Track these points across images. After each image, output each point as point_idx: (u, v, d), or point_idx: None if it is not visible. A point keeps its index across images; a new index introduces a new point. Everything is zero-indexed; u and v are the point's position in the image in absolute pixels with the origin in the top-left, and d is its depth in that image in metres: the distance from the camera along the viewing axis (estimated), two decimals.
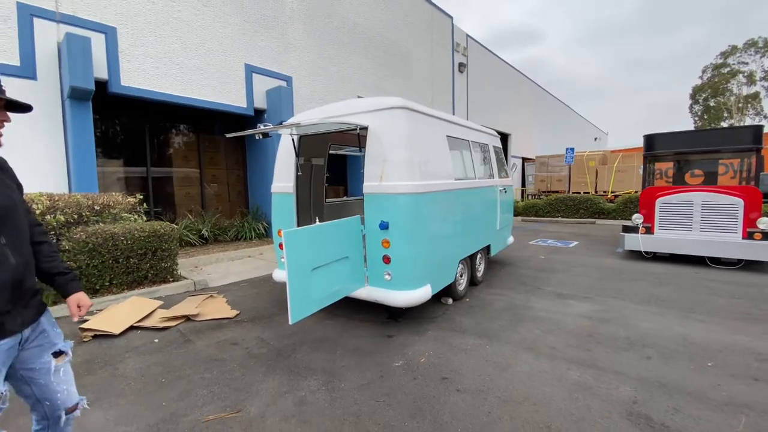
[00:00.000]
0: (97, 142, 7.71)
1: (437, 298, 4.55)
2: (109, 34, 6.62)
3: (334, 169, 8.02)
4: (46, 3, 6.02)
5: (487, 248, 5.50)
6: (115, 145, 8.08)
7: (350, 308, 4.32)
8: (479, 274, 5.32)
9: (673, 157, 7.63)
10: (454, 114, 16.04)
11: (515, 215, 14.52)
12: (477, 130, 5.21)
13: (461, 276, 4.72)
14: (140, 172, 8.31)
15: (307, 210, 4.96)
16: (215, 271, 6.50)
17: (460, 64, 16.10)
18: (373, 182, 3.52)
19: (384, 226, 3.45)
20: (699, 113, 36.97)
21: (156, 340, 3.62)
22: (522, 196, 19.62)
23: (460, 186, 4.36)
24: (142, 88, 7.01)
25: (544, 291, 5.03)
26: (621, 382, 2.74)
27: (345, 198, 6.50)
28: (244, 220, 9.00)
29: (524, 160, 21.55)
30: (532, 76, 24.14)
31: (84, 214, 4.98)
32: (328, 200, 5.44)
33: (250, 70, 8.74)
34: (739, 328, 3.67)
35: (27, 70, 5.86)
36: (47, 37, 6.10)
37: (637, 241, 6.70)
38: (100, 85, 6.62)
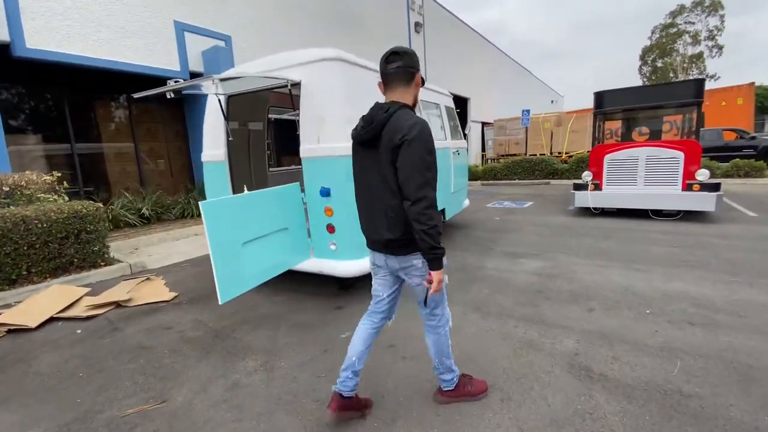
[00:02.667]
0: (8, 116, 6.76)
1: None
2: None
3: (290, 135, 7.53)
4: None
5: (442, 212, 5.40)
6: (31, 119, 7.11)
7: (298, 282, 4.11)
8: None
9: (622, 114, 7.78)
10: None
11: (475, 179, 14.65)
12: (427, 88, 4.95)
13: None
14: (64, 149, 7.42)
15: (248, 180, 4.58)
16: (157, 252, 6.03)
17: (417, 24, 15.48)
18: (310, 144, 3.23)
19: (325, 192, 3.20)
20: (647, 74, 38.38)
21: (78, 331, 3.26)
22: (482, 161, 19.82)
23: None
24: (52, 51, 6.11)
25: (496, 251, 5.05)
26: (565, 336, 2.75)
27: (294, 166, 6.13)
28: (189, 195, 8.39)
29: (483, 124, 21.61)
30: (492, 40, 23.86)
31: None
32: (272, 169, 5.07)
33: (182, 29, 7.86)
34: (676, 275, 3.83)
35: None
36: None
37: (586, 198, 6.87)
38: (3, 48, 5.69)
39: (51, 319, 3.47)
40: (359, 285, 3.95)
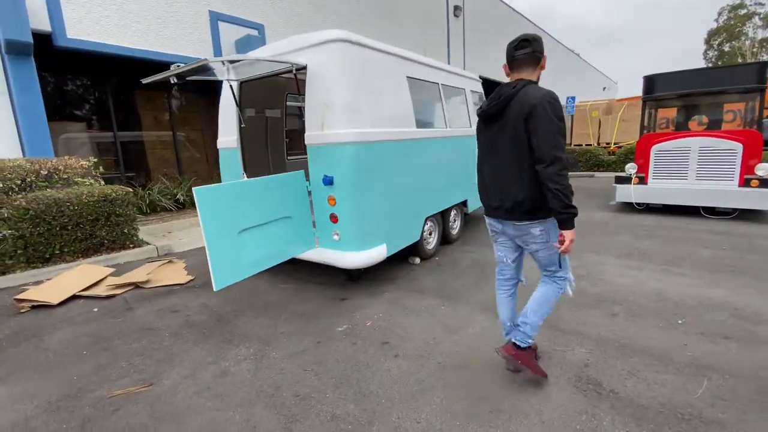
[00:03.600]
0: (56, 105, 7.27)
1: (404, 257, 4.29)
2: None
3: None
4: None
5: (464, 204, 5.15)
6: (76, 107, 7.61)
7: (307, 270, 4.08)
8: (454, 232, 5.01)
9: (675, 101, 7.00)
10: (449, 63, 15.08)
11: None
12: (450, 72, 4.68)
13: (430, 234, 4.42)
14: (108, 136, 7.89)
15: (266, 168, 4.59)
16: (187, 236, 6.26)
17: (456, 7, 14.86)
18: (314, 131, 3.13)
19: (328, 181, 3.10)
20: (713, 59, 34.67)
21: (95, 310, 3.43)
22: None
23: (425, 135, 3.94)
24: (92, 41, 6.43)
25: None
26: (578, 344, 2.49)
27: None
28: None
29: None
30: (540, 23, 22.50)
31: (28, 179, 4.69)
32: (291, 157, 5.05)
33: (216, 18, 8.01)
34: (719, 282, 3.37)
35: None
36: None
37: (628, 193, 6.29)
38: (45, 38, 6.07)
39: (74, 297, 3.68)
40: (368, 276, 3.86)
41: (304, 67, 3.14)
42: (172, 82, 2.92)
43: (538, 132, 1.77)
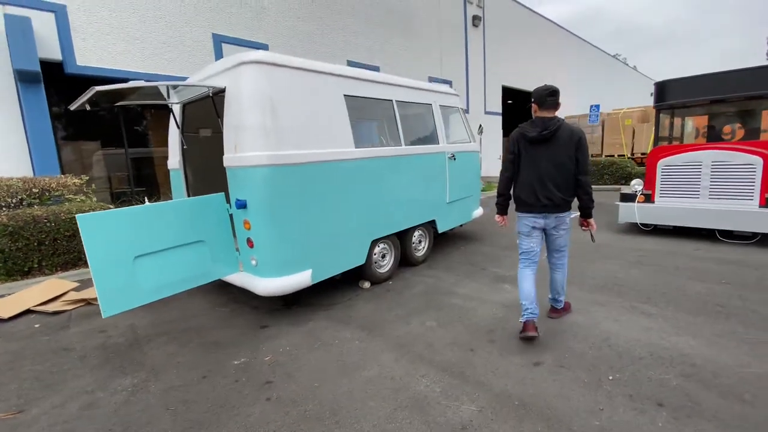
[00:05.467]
0: (71, 124, 7.91)
1: (354, 280, 4.09)
2: (59, 12, 6.53)
3: None
4: None
5: (431, 224, 4.85)
6: (90, 126, 8.24)
7: (252, 293, 3.99)
8: (419, 254, 4.73)
9: (692, 109, 6.23)
10: (468, 74, 14.73)
11: None
12: (411, 88, 4.45)
13: (383, 257, 4.19)
14: (119, 153, 8.45)
15: (210, 187, 4.57)
16: None
17: (475, 17, 14.53)
18: (229, 153, 3.06)
19: (240, 204, 3.01)
20: None
21: (36, 326, 3.56)
22: None
23: (369, 154, 3.74)
24: (100, 67, 6.94)
25: (486, 273, 4.35)
26: (472, 398, 2.16)
27: None
28: None
29: None
30: (586, 28, 21.45)
31: (19, 197, 5.06)
32: None
33: (219, 40, 8.38)
34: (693, 327, 2.84)
35: None
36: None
37: (632, 212, 5.65)
38: (57, 66, 6.63)
39: (29, 311, 3.86)
40: (305, 301, 3.70)
41: (223, 90, 3.10)
42: (88, 109, 2.97)
43: (583, 154, 2.71)
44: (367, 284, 4.06)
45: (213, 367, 2.65)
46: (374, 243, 3.97)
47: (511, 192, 2.96)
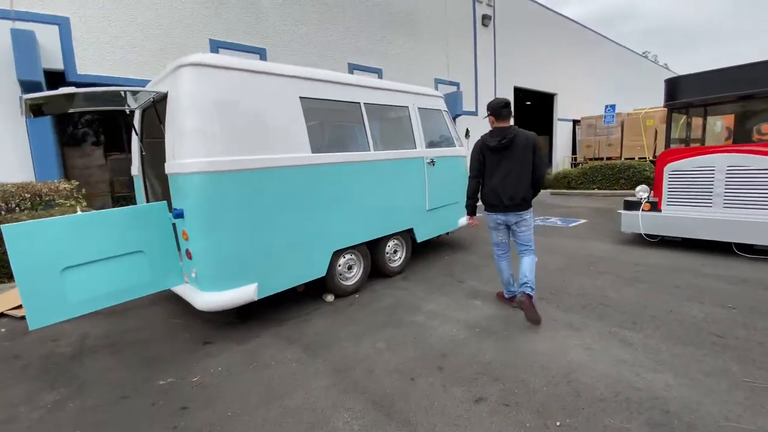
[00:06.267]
0: (76, 130, 8.12)
1: (320, 292, 3.88)
2: (63, 24, 6.69)
3: None
4: (2, 2, 6.20)
5: (409, 232, 4.58)
6: (93, 133, 8.43)
7: None
8: (394, 265, 4.46)
9: (709, 107, 5.66)
10: (476, 75, 14.30)
11: (544, 188, 12.70)
12: (382, 89, 4.21)
13: (349, 268, 3.96)
14: (122, 158, 8.62)
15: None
16: None
17: (485, 17, 14.10)
18: (169, 160, 2.92)
19: (178, 213, 2.86)
20: None
21: (2, 330, 3.55)
22: (571, 165, 17.16)
23: (329, 160, 3.53)
24: (100, 75, 7.07)
25: (462, 286, 4.04)
26: None
27: None
28: None
29: (575, 123, 18.67)
30: (616, 26, 20.55)
31: (12, 203, 5.16)
32: None
33: (217, 46, 8.40)
34: (678, 361, 2.45)
35: None
36: (3, 34, 6.30)
37: (635, 222, 5.16)
38: (60, 75, 6.80)
39: (2, 315, 3.87)
40: (261, 315, 3.52)
41: (165, 94, 2.97)
42: (28, 117, 2.91)
43: (538, 157, 3.07)
44: (330, 297, 3.83)
45: (139, 386, 2.50)
46: (337, 254, 3.75)
47: (479, 195, 3.34)
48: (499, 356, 2.61)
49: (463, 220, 5.43)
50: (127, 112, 3.64)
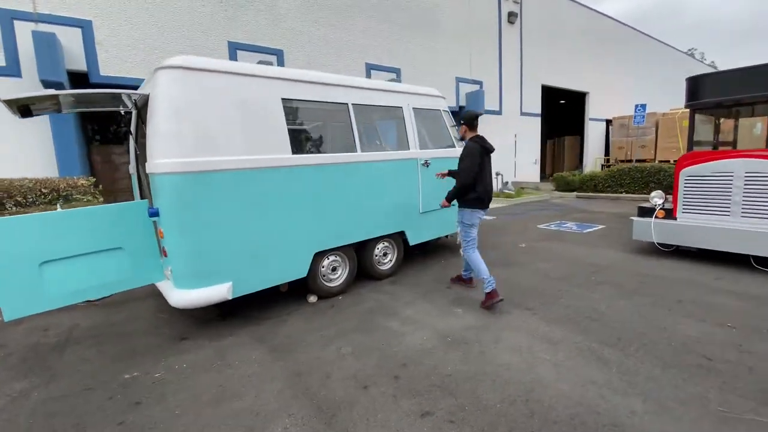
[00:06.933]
0: (102, 128, 8.59)
1: (303, 293, 3.89)
2: (86, 27, 7.10)
3: None
4: (26, 5, 6.67)
5: (400, 235, 4.50)
6: (119, 130, 8.89)
7: None
8: (384, 268, 4.40)
9: (735, 109, 5.19)
10: (501, 74, 13.91)
11: (570, 190, 12.18)
12: (373, 89, 4.14)
13: (333, 270, 3.94)
14: None
15: None
16: None
17: (510, 14, 13.68)
18: (148, 160, 3.01)
19: (153, 212, 2.94)
20: None
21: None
22: (602, 168, 16.36)
23: (308, 162, 3.52)
24: (122, 77, 7.44)
25: (449, 292, 3.92)
26: None
27: None
28: None
29: (608, 123, 17.76)
30: (659, 22, 19.46)
31: (30, 197, 5.53)
32: None
33: (234, 48, 8.64)
34: (649, 385, 2.24)
35: (12, 69, 6.64)
36: (28, 36, 6.76)
37: (647, 229, 4.82)
38: (84, 76, 7.23)
39: None
40: (244, 313, 3.57)
41: (147, 96, 3.06)
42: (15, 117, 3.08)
43: None
44: (313, 298, 3.83)
45: (105, 379, 2.59)
46: (320, 255, 3.74)
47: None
48: (461, 368, 2.50)
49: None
50: (122, 113, 3.79)
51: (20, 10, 6.62)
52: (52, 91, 2.79)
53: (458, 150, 5.11)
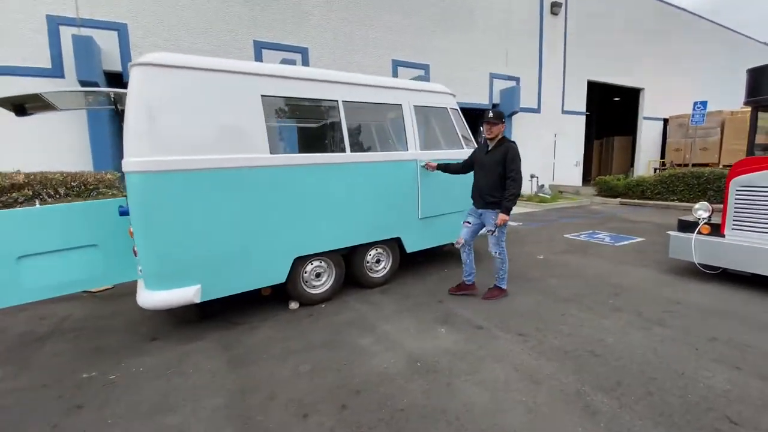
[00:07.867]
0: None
1: (284, 298, 3.75)
2: (122, 30, 7.51)
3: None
4: (70, 11, 7.15)
5: (396, 241, 4.22)
6: None
7: None
8: (376, 275, 4.15)
9: None
10: (540, 69, 13.02)
11: (614, 196, 11.14)
12: (367, 86, 3.87)
13: (317, 276, 3.75)
14: None
15: None
16: None
17: (554, 5, 12.75)
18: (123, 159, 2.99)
19: (123, 211, 2.92)
20: None
21: None
22: (655, 171, 14.87)
23: (288, 162, 3.35)
24: None
25: (439, 307, 3.59)
26: None
27: None
28: None
29: (666, 122, 16.08)
30: (741, 12, 17.49)
31: (61, 190, 5.90)
32: None
33: (260, 47, 8.75)
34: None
35: (57, 71, 7.16)
36: (66, 39, 7.22)
37: (687, 247, 4.15)
38: (118, 76, 7.65)
39: None
40: (225, 316, 3.49)
41: (124, 93, 3.04)
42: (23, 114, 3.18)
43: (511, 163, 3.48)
44: (294, 305, 3.67)
45: (63, 377, 2.59)
46: (302, 260, 3.56)
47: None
48: (419, 403, 2.20)
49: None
50: (118, 110, 3.85)
51: (64, 16, 7.11)
52: (38, 91, 2.84)
53: (466, 152, 4.72)
